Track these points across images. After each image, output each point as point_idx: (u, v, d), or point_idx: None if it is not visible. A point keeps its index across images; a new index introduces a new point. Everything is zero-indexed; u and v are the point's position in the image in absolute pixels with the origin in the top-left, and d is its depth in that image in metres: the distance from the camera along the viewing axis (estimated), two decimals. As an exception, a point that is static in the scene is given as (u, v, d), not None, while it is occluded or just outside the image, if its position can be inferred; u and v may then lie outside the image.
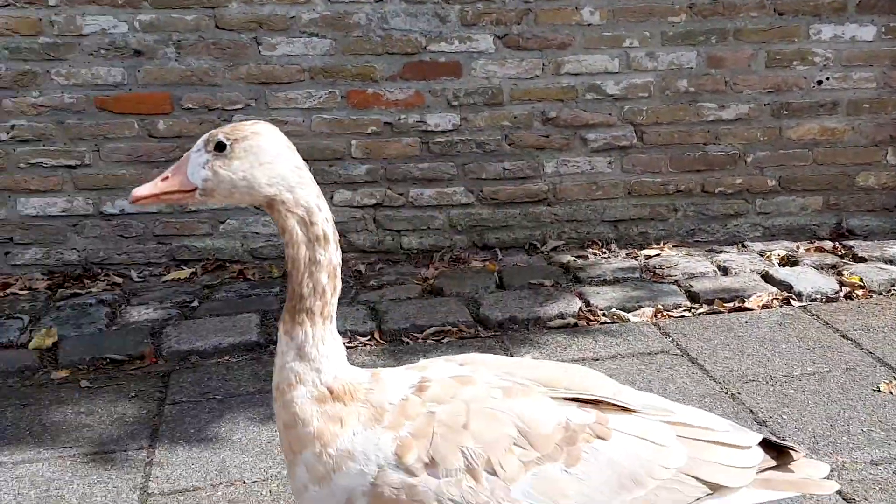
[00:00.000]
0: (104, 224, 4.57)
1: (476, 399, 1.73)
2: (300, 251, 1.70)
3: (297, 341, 1.70)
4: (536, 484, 1.68)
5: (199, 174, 1.68)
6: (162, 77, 4.42)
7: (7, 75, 4.34)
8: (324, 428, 1.69)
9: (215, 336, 3.80)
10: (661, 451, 1.79)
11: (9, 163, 4.44)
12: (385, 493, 1.65)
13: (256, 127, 1.70)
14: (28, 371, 3.60)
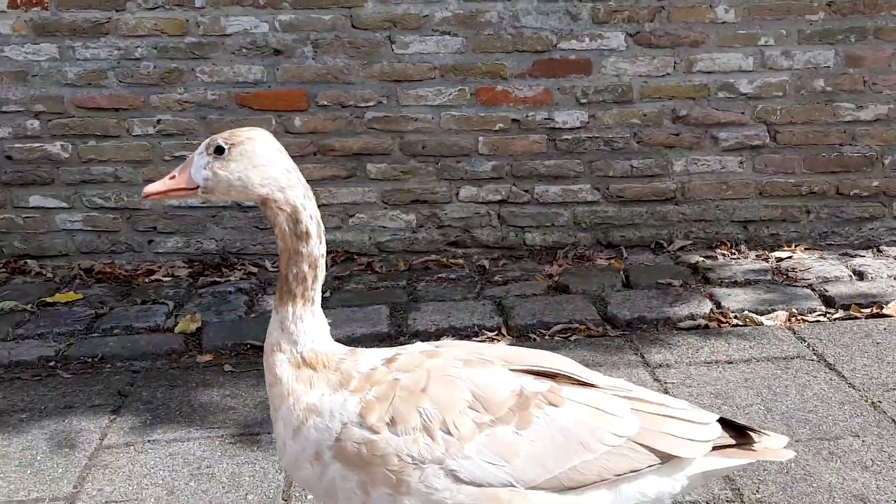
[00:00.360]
0: (241, 215, 4.76)
1: (437, 368, 1.89)
2: (287, 243, 1.92)
3: (280, 317, 1.94)
4: (488, 443, 1.82)
5: (201, 174, 1.89)
6: (299, 75, 4.58)
7: (155, 73, 4.56)
8: (296, 387, 1.90)
9: (348, 325, 3.92)
10: (613, 420, 1.91)
11: (154, 155, 4.68)
12: (348, 447, 1.82)
13: (252, 133, 1.92)
14: (174, 354, 3.79)
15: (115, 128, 4.63)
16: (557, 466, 1.85)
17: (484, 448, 1.82)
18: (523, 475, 1.83)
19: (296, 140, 4.67)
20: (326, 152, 4.68)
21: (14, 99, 4.59)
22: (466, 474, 1.81)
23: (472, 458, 1.81)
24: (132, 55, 4.54)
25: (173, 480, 2.88)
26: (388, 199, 4.73)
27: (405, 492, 1.80)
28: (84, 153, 4.67)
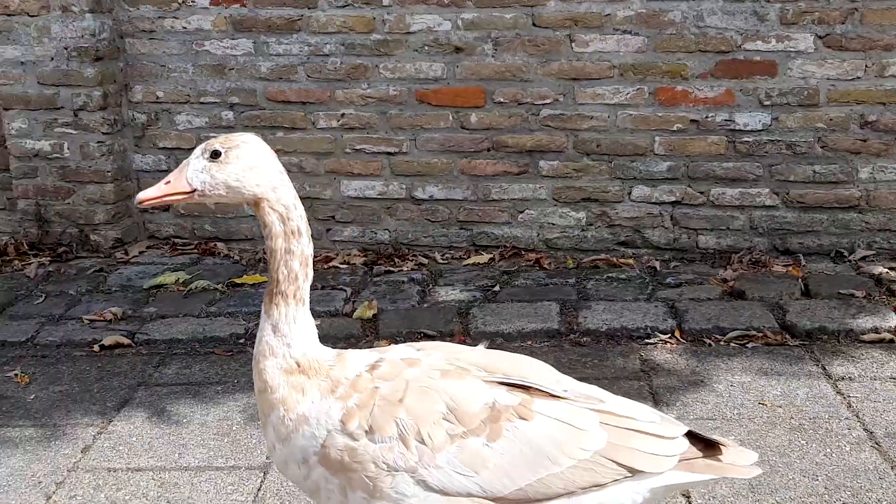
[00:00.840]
0: (414, 208, 4.91)
1: (415, 378, 1.94)
2: (278, 242, 1.95)
3: (272, 319, 1.96)
4: (459, 454, 1.88)
5: (198, 178, 1.95)
6: (478, 72, 4.67)
7: (342, 68, 4.76)
8: (287, 395, 1.94)
9: (518, 321, 3.99)
10: (580, 434, 1.95)
11: (337, 148, 4.88)
12: (331, 454, 1.90)
13: (246, 137, 1.99)
14: (353, 338, 3.96)
15: (302, 120, 4.87)
16: (524, 479, 1.91)
17: (454, 458, 1.89)
18: (490, 486, 1.90)
19: (470, 136, 4.77)
20: (500, 148, 4.76)
21: (212, 91, 4.89)
22: (436, 482, 1.88)
23: (443, 467, 1.88)
24: (321, 51, 4.75)
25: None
26: (559, 197, 4.77)
27: (378, 497, 1.88)
28: (272, 144, 4.83)
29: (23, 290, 4.55)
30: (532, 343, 3.86)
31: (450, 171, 4.82)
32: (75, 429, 3.30)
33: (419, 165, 4.84)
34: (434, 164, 4.83)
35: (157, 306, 4.32)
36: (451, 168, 4.81)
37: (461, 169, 4.81)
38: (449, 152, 4.80)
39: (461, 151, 4.79)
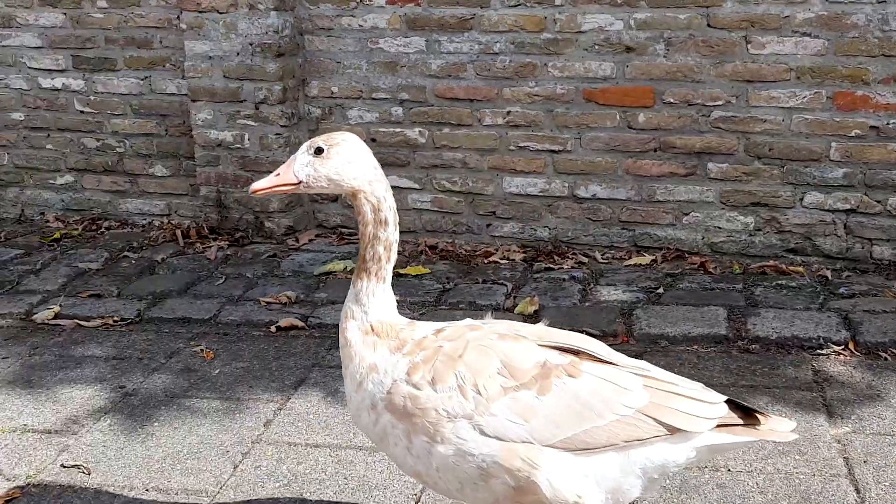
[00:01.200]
0: (575, 206, 4.93)
1: (475, 339, 2.21)
2: (368, 229, 2.26)
3: (356, 289, 2.29)
4: (511, 405, 2.11)
5: (304, 171, 2.25)
6: (648, 72, 4.65)
7: (510, 67, 4.83)
8: (361, 349, 2.25)
9: (684, 324, 3.96)
10: (624, 392, 2.15)
11: (501, 145, 4.96)
12: (396, 400, 2.17)
13: (346, 136, 2.26)
14: (515, 333, 4.03)
15: (468, 117, 4.97)
16: (570, 429, 2.12)
17: (507, 408, 2.12)
18: (539, 434, 2.11)
19: (637, 136, 4.75)
20: (667, 149, 4.72)
21: (383, 87, 5.06)
22: (491, 429, 2.11)
23: (497, 415, 2.11)
24: (491, 49, 4.84)
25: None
26: (727, 200, 4.69)
27: (439, 441, 2.12)
28: (438, 139, 5.05)
29: (204, 270, 4.84)
30: (698, 348, 3.82)
31: (614, 171, 4.82)
32: (257, 403, 3.50)
33: (583, 164, 4.86)
34: (598, 162, 4.84)
35: (327, 292, 4.51)
36: (616, 167, 4.81)
37: (626, 169, 4.80)
38: (614, 151, 4.80)
39: (627, 151, 4.78)
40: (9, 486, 2.98)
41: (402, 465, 2.27)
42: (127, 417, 3.41)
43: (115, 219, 5.66)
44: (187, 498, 2.90)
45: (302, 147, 2.28)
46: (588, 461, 2.13)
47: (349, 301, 2.31)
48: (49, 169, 5.72)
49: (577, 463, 2.12)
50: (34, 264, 4.96)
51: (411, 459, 2.19)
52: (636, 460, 2.15)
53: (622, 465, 2.14)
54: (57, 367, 3.83)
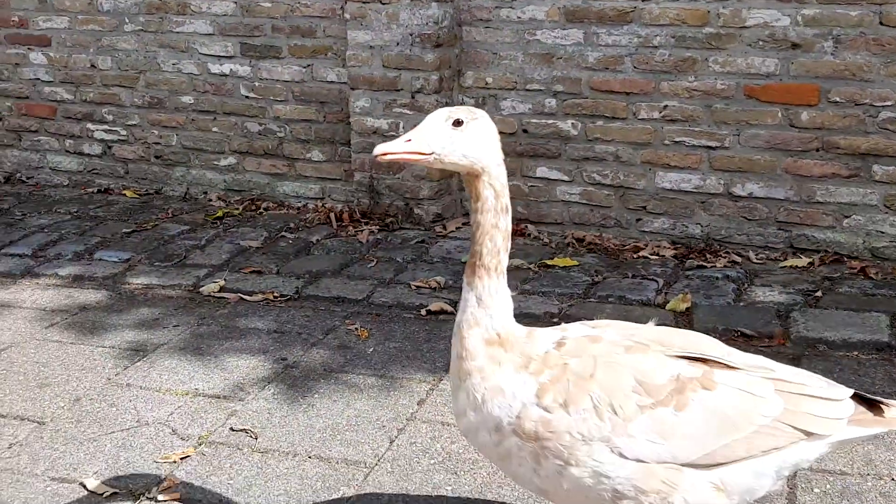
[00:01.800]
0: (730, 204, 4.84)
1: (602, 354, 2.07)
2: (487, 217, 2.07)
3: (476, 291, 2.08)
4: (649, 424, 2.00)
5: (439, 142, 2.02)
6: (814, 70, 4.52)
7: (669, 61, 4.78)
8: (485, 365, 2.06)
9: (844, 329, 3.84)
10: (760, 402, 2.07)
11: (655, 139, 4.92)
12: (526, 425, 2.03)
13: (484, 113, 2.09)
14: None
15: (623, 111, 4.95)
16: (710, 445, 2.03)
17: (645, 428, 2.01)
18: (679, 452, 2.01)
19: (799, 134, 4.62)
20: (830, 149, 4.58)
21: (538, 79, 5.09)
22: (629, 451, 2.00)
23: (635, 436, 2.00)
24: (650, 43, 4.80)
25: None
26: (891, 204, 4.51)
27: (573, 464, 2.01)
28: (591, 132, 5.05)
29: (356, 253, 5.00)
30: (858, 354, 3.70)
31: (772, 170, 4.70)
32: (410, 382, 3.61)
33: (740, 161, 4.76)
34: (756, 160, 4.73)
35: (476, 279, 4.58)
36: (775, 166, 4.70)
37: (785, 168, 4.68)
38: (773, 150, 4.69)
39: (787, 150, 4.65)
40: (184, 446, 3.18)
41: (525, 483, 2.16)
42: (289, 388, 3.58)
43: (272, 200, 5.91)
44: (347, 468, 3.03)
45: (436, 115, 2.07)
46: (723, 472, 2.07)
47: (469, 307, 2.10)
48: (214, 151, 6.02)
49: (712, 477, 2.06)
50: (199, 240, 5.24)
51: (538, 480, 2.09)
52: (772, 464, 2.10)
53: (757, 469, 2.09)
54: (223, 337, 4.04)
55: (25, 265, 4.94)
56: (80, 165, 6.43)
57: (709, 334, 3.83)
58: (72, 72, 6.26)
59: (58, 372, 3.74)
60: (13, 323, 4.23)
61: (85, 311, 4.36)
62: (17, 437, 3.24)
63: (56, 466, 3.05)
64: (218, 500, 2.85)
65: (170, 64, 5.97)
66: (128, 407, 3.45)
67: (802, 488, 2.83)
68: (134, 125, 6.20)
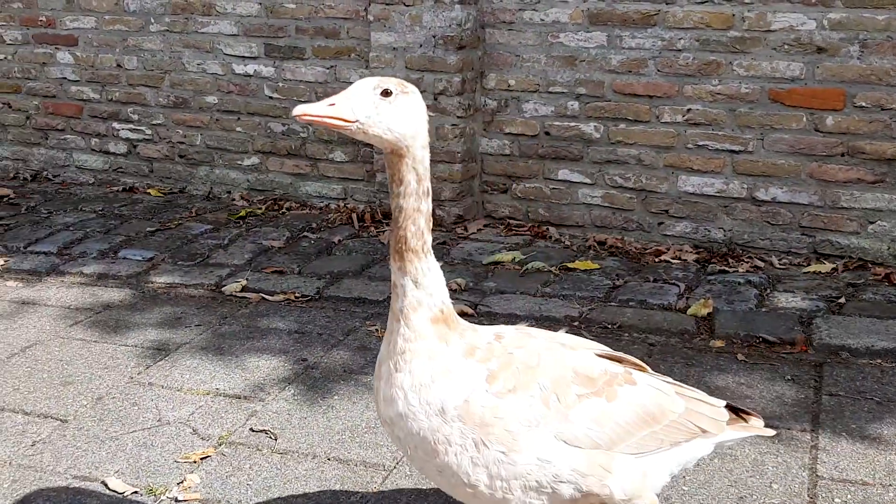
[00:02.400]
0: (753, 209, 4.81)
1: (544, 349, 2.19)
2: (409, 201, 2.02)
3: (411, 275, 2.07)
4: (586, 412, 2.13)
5: (364, 111, 1.94)
6: (839, 74, 4.48)
7: (693, 64, 4.76)
8: (435, 345, 2.06)
9: (867, 337, 3.80)
10: (669, 399, 2.28)
11: (678, 143, 4.89)
12: (474, 409, 2.04)
13: (413, 88, 2.01)
14: (687, 334, 3.98)
15: (646, 114, 4.93)
16: (635, 434, 2.18)
17: (583, 415, 2.12)
18: (610, 439, 2.14)
19: (823, 139, 4.59)
20: (855, 154, 4.54)
21: (561, 81, 5.08)
22: (570, 436, 2.09)
23: (574, 423, 2.10)
24: (674, 46, 4.78)
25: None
26: (918, 210, 4.47)
27: (517, 450, 2.04)
28: (613, 135, 5.04)
29: (378, 254, 5.02)
30: (882, 362, 3.67)
31: (797, 174, 4.67)
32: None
33: (764, 166, 4.73)
34: (780, 165, 4.70)
35: (496, 281, 4.58)
36: (799, 171, 4.66)
37: (809, 172, 4.64)
38: (798, 154, 4.65)
39: (812, 154, 4.62)
40: (204, 445, 3.20)
41: (448, 476, 2.10)
42: (309, 389, 3.60)
43: (295, 200, 5.94)
44: (365, 470, 3.04)
45: (364, 82, 1.97)
46: (644, 461, 2.22)
47: (408, 292, 2.07)
48: (237, 150, 6.06)
49: (637, 464, 2.20)
50: (222, 239, 5.28)
51: (471, 469, 2.06)
52: (676, 457, 2.29)
53: (667, 462, 2.27)
54: (244, 337, 4.07)
55: (51, 263, 4.99)
56: (105, 164, 6.49)
57: (730, 340, 3.90)
58: (98, 71, 6.32)
59: (81, 370, 3.78)
60: (38, 321, 4.28)
61: (108, 310, 4.40)
62: (41, 435, 3.28)
63: (78, 465, 3.09)
64: (237, 500, 2.87)
65: (194, 64, 6.01)
66: (149, 406, 3.48)
67: (823, 497, 2.81)
68: (159, 124, 6.25)
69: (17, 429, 3.32)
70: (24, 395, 3.57)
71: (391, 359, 2.11)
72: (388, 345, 2.14)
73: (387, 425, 2.18)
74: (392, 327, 2.13)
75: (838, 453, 3.04)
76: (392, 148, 2.00)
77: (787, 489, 2.86)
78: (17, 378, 3.71)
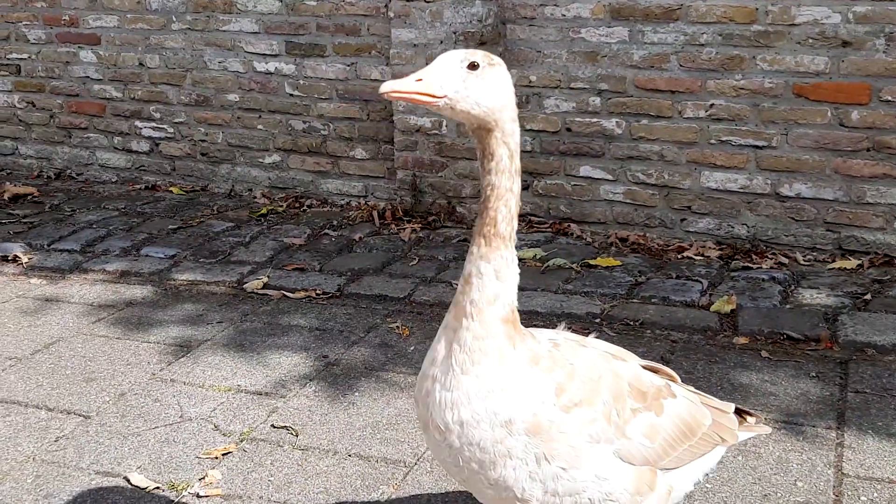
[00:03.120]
0: (777, 204, 4.76)
1: (599, 359, 2.08)
2: (502, 179, 1.87)
3: (495, 264, 1.89)
4: (639, 427, 2.06)
5: (452, 85, 1.82)
6: (865, 68, 4.42)
7: (716, 59, 4.72)
8: (505, 347, 1.91)
9: (893, 333, 3.75)
10: (700, 411, 2.24)
11: (701, 138, 4.85)
12: (542, 422, 1.92)
13: (500, 60, 1.90)
14: (710, 331, 3.94)
15: (668, 109, 4.89)
16: (677, 447, 2.14)
17: (636, 431, 2.05)
18: (657, 454, 2.09)
19: (849, 134, 4.53)
20: (881, 149, 4.48)
21: (582, 77, 5.05)
22: (625, 452, 2.03)
23: (631, 438, 2.04)
24: (697, 41, 4.74)
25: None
26: (946, 206, 4.41)
27: (577, 466, 1.95)
28: (635, 131, 5.00)
29: (398, 251, 5.01)
30: (908, 359, 3.62)
31: (821, 170, 4.62)
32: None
33: (788, 161, 4.68)
34: (805, 160, 4.65)
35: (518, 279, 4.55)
36: (824, 166, 4.61)
37: (834, 168, 4.59)
38: (822, 149, 4.60)
39: (836, 150, 4.57)
40: (226, 442, 3.21)
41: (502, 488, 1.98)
42: (330, 385, 3.60)
43: (316, 198, 5.94)
44: (387, 466, 3.03)
45: (449, 55, 1.85)
46: (679, 474, 2.19)
47: (489, 283, 1.89)
48: (259, 148, 6.07)
49: (668, 479, 2.16)
50: (244, 237, 5.29)
51: (527, 484, 1.95)
52: (702, 467, 2.28)
53: (692, 472, 2.25)
54: (266, 334, 4.08)
55: (74, 260, 5.03)
56: (128, 162, 6.53)
57: (754, 337, 3.86)
58: (120, 70, 6.36)
59: (104, 367, 3.80)
60: (61, 317, 4.31)
61: (131, 307, 4.43)
62: (64, 431, 3.29)
63: (101, 460, 3.10)
64: (258, 496, 2.88)
65: (216, 62, 6.03)
66: (171, 402, 3.49)
67: (849, 495, 2.77)
68: (181, 123, 6.27)
69: (41, 424, 3.34)
70: (48, 392, 3.59)
71: (453, 357, 1.92)
72: (446, 343, 1.95)
73: (438, 431, 1.97)
74: (452, 323, 1.94)
75: (864, 451, 3.00)
76: (480, 123, 1.87)
77: (811, 487, 2.82)
78: (40, 374, 3.74)
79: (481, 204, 1.91)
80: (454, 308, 1.96)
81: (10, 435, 3.27)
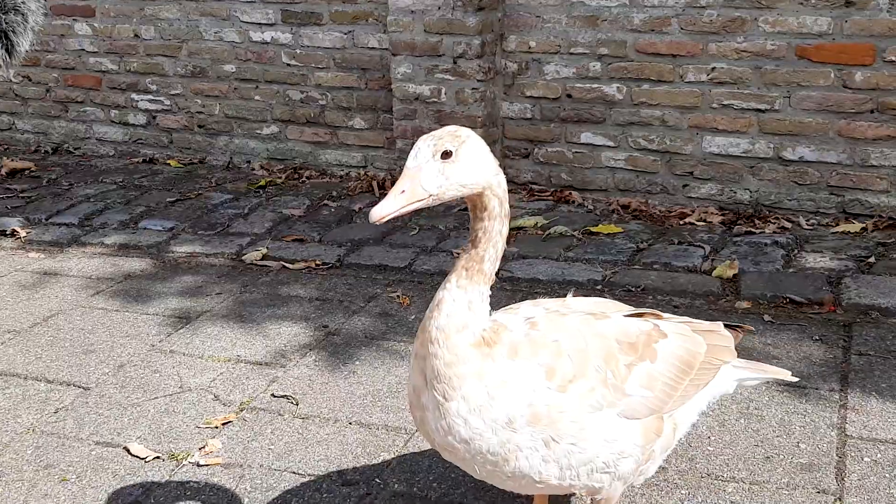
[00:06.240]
0: (780, 168, 4.71)
1: (581, 325, 2.10)
2: (494, 224, 1.99)
3: (469, 297, 1.98)
4: (636, 379, 2.09)
5: (434, 182, 1.90)
6: (868, 28, 4.36)
7: (717, 21, 4.65)
8: (480, 364, 1.96)
9: (897, 296, 3.73)
10: (694, 341, 2.25)
11: (703, 102, 4.80)
12: (540, 410, 1.97)
13: (466, 131, 1.95)
14: (712, 296, 3.91)
15: (670, 73, 4.83)
16: (678, 387, 2.15)
17: (635, 384, 2.08)
18: (660, 401, 2.12)
19: (852, 96, 4.48)
20: (885, 111, 4.42)
21: (582, 42, 4.99)
22: (628, 410, 2.06)
23: (631, 395, 2.07)
24: (697, 3, 4.67)
25: (723, 415, 3.02)
26: (950, 167, 4.36)
27: (585, 437, 2.00)
28: (637, 96, 4.94)
29: (398, 221, 4.97)
30: (913, 321, 3.60)
31: (824, 132, 4.56)
32: (451, 350, 3.57)
33: (790, 124, 4.63)
34: (808, 123, 4.59)
35: (518, 247, 4.53)
36: (827, 129, 4.56)
37: (838, 130, 4.54)
38: (826, 112, 4.54)
39: (840, 112, 4.51)
40: (226, 411, 3.19)
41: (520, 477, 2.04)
42: (330, 355, 3.58)
43: (314, 168, 5.90)
44: (387, 433, 3.02)
45: (419, 153, 1.91)
46: (685, 410, 2.23)
47: (460, 309, 1.97)
48: (256, 119, 6.02)
49: (671, 419, 2.18)
50: (242, 209, 5.26)
51: (542, 467, 2.01)
52: (705, 398, 2.30)
53: (697, 405, 2.28)
54: (265, 305, 4.05)
55: (72, 234, 5.00)
56: (125, 136, 6.48)
57: (757, 301, 3.83)
58: (116, 42, 6.30)
59: (103, 339, 3.78)
60: (60, 290, 4.29)
61: (130, 279, 4.40)
62: (63, 403, 3.28)
63: (100, 431, 3.09)
64: (259, 464, 2.86)
65: (212, 32, 5.97)
66: (171, 373, 3.47)
67: (852, 457, 2.75)
68: (177, 94, 6.22)
69: (40, 396, 3.33)
70: (47, 364, 3.58)
71: (434, 389, 1.99)
72: (419, 373, 2.03)
73: (447, 451, 2.07)
74: (420, 352, 2.02)
75: (868, 412, 2.98)
76: (470, 194, 1.96)
77: (814, 449, 2.80)
78: (39, 347, 3.72)
79: (470, 243, 2.02)
80: (420, 334, 2.03)
81: (10, 407, 3.26)
